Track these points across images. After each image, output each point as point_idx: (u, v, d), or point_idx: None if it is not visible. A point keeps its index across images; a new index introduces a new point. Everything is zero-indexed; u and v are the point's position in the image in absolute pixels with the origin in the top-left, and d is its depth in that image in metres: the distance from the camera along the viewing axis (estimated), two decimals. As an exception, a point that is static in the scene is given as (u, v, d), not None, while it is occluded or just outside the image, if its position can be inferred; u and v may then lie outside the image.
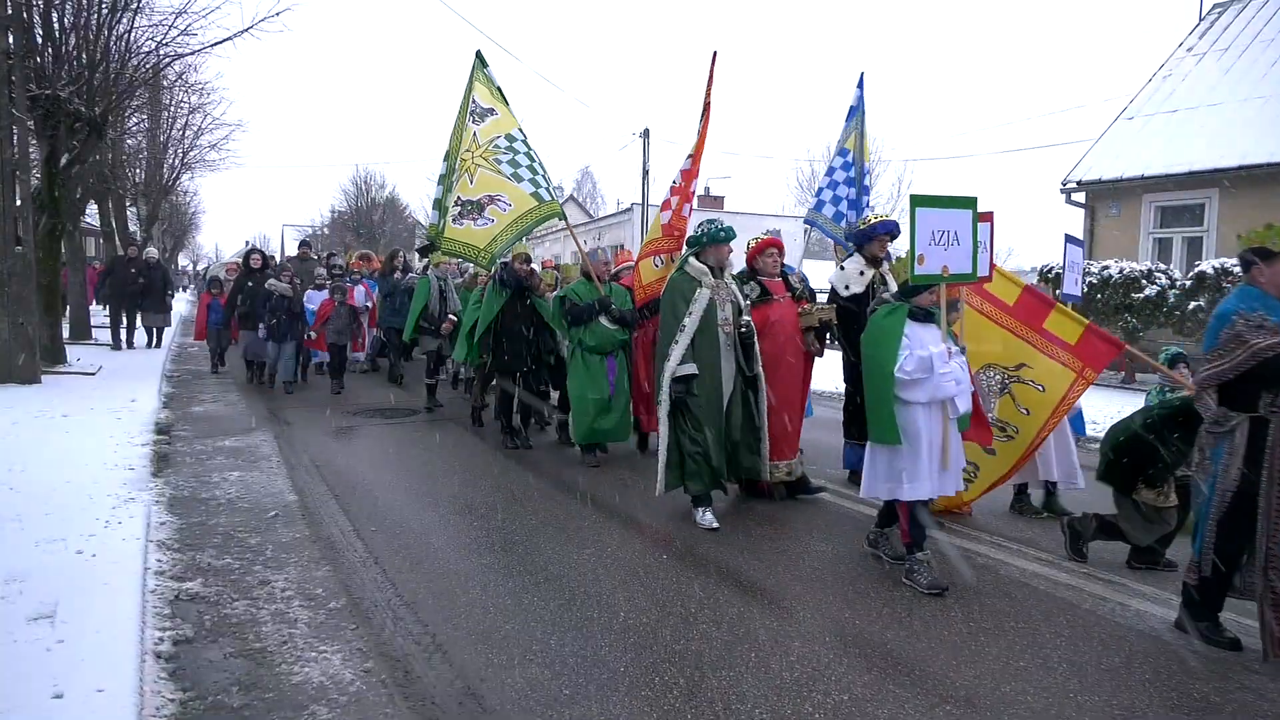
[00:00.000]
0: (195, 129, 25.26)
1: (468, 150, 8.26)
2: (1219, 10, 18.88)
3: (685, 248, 6.45)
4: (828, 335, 7.05)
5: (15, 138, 11.28)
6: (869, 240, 7.06)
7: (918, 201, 5.15)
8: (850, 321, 6.74)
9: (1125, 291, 14.76)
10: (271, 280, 12.43)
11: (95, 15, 12.79)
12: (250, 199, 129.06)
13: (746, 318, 6.37)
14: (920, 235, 5.06)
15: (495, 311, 8.65)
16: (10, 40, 11.12)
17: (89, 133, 13.04)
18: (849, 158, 8.87)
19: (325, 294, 13.01)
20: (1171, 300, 14.18)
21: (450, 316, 11.32)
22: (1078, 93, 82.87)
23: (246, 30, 13.46)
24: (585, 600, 4.78)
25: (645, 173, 29.77)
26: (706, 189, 42.48)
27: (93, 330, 18.14)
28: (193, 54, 14.70)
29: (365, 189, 50.90)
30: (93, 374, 12.67)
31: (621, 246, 9.20)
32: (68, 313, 17.28)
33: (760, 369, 6.44)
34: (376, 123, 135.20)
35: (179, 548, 5.51)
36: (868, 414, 5.16)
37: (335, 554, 5.50)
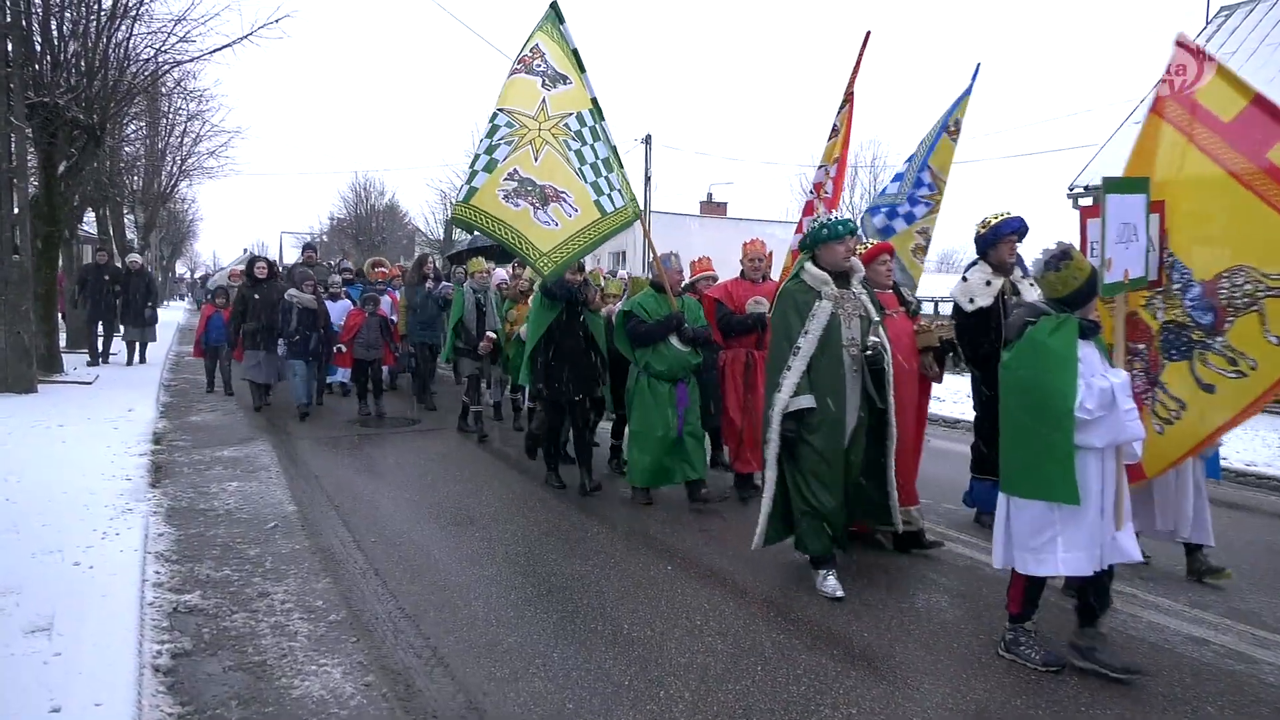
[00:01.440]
0: (193, 136, 25.26)
1: (533, 116, 6.65)
2: (1226, 13, 18.85)
3: (802, 253, 5.35)
4: (948, 357, 6.09)
5: (13, 145, 11.25)
6: (994, 244, 6.05)
7: (1112, 186, 4.03)
8: (977, 341, 5.96)
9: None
10: (292, 291, 10.93)
11: (94, 22, 12.76)
12: (249, 206, 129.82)
13: (875, 339, 5.09)
14: (1111, 230, 4.00)
15: (544, 329, 7.28)
16: (9, 48, 11.10)
17: (87, 140, 13.01)
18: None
19: (342, 304, 11.98)
20: None
21: (489, 334, 9.81)
22: (1084, 97, 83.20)
23: (246, 37, 13.45)
24: (589, 612, 4.73)
25: (647, 179, 29.72)
26: (709, 195, 42.23)
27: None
28: (191, 61, 14.66)
29: (365, 196, 50.84)
30: (89, 383, 12.62)
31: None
32: (64, 321, 17.18)
33: (892, 400, 5.24)
34: (376, 129, 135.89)
35: (177, 559, 5.46)
36: (1015, 460, 3.97)
37: (335, 565, 5.44)
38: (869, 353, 5.00)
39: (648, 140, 29.70)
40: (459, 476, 7.98)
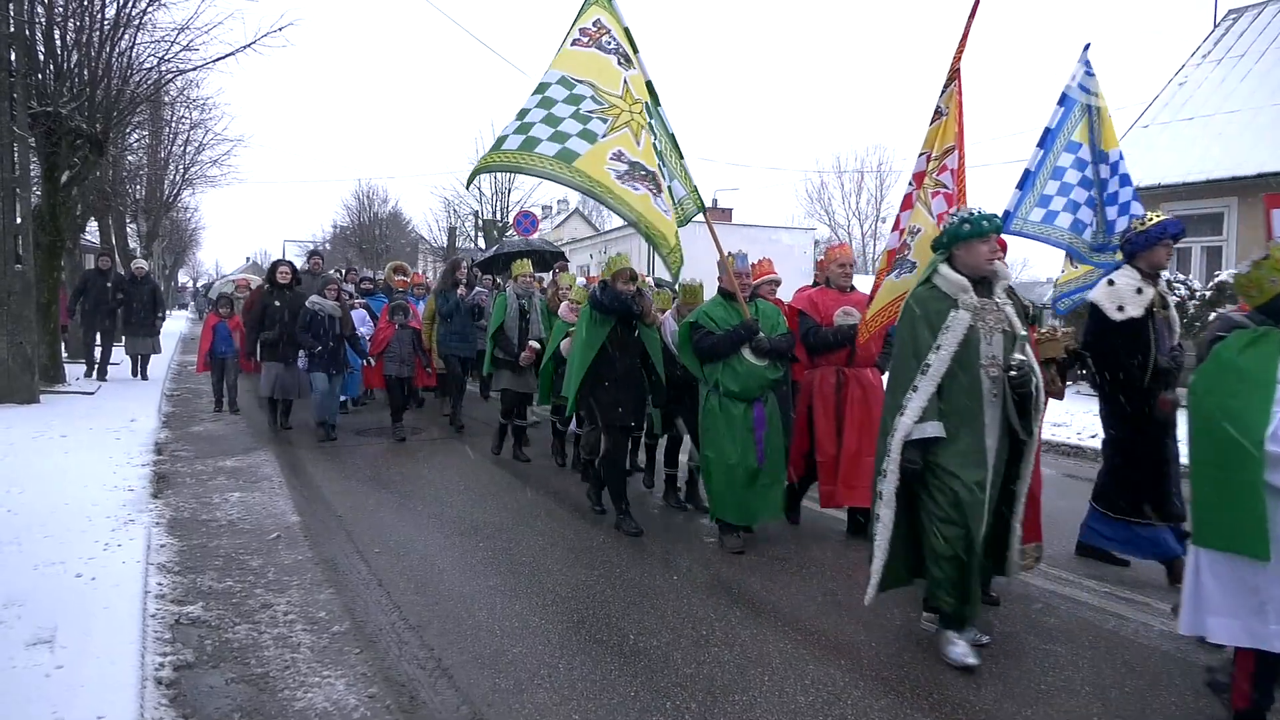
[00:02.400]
0: (196, 145, 25.36)
1: (621, 97, 5.98)
2: (1234, 16, 18.85)
3: (932, 252, 4.64)
4: (1069, 370, 5.41)
5: (16, 155, 11.26)
6: (1150, 246, 5.39)
7: None
8: (1125, 356, 5.27)
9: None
10: (315, 298, 9.96)
11: (97, 32, 12.79)
12: (251, 215, 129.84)
13: (1021, 356, 4.28)
14: None
15: (598, 346, 6.43)
16: (12, 57, 11.12)
17: (90, 150, 13.03)
18: (1080, 152, 6.76)
19: (357, 314, 10.99)
20: (1191, 311, 14.12)
21: (531, 344, 8.78)
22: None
23: (249, 46, 13.49)
24: (594, 623, 4.69)
25: (651, 185, 29.75)
26: (714, 200, 41.97)
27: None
28: (194, 70, 14.71)
29: (368, 204, 50.95)
30: (92, 393, 12.59)
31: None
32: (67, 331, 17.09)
33: (1039, 430, 4.48)
34: (379, 137, 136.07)
35: (179, 570, 5.43)
36: (1201, 504, 3.36)
37: (338, 576, 5.41)
38: (1013, 373, 4.21)
39: (652, 146, 29.73)
40: (463, 486, 7.95)
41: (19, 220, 11.32)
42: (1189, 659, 4.29)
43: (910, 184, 5.91)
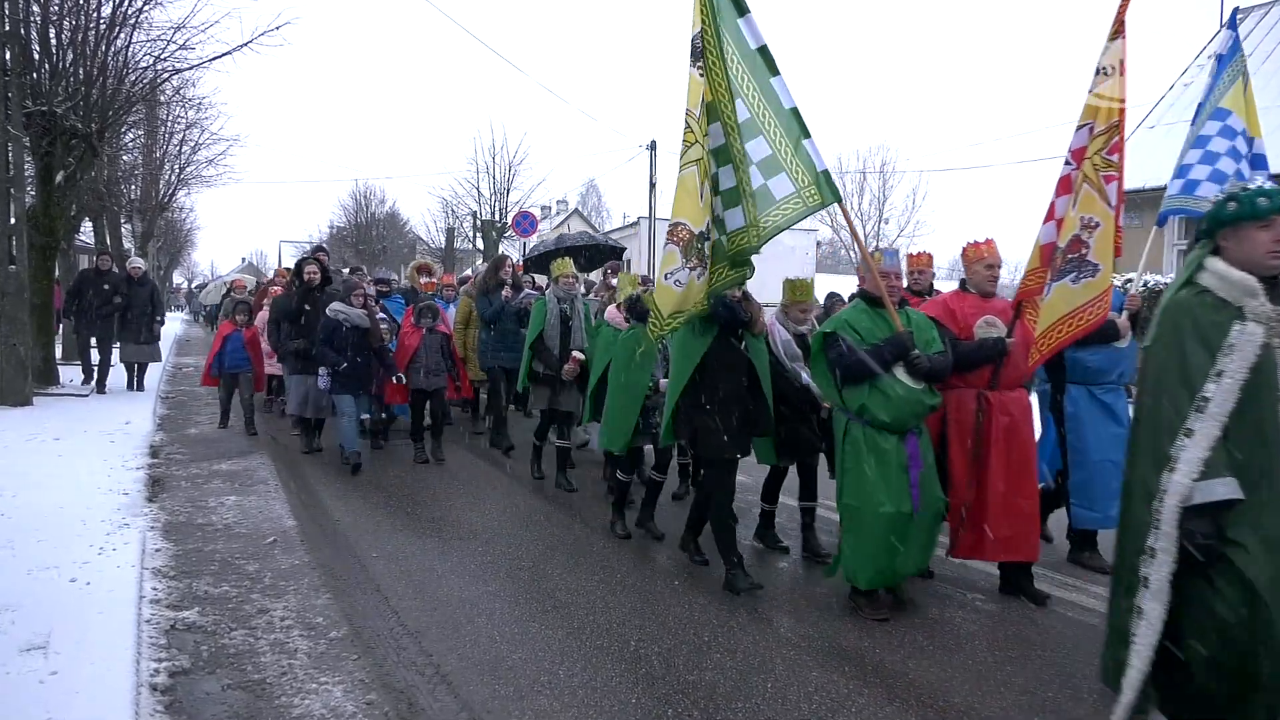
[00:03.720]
0: (192, 144, 25.18)
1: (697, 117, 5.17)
2: (1241, 16, 18.83)
3: (1196, 244, 3.29)
4: None
5: (10, 154, 11.20)
6: None
7: None
8: None
9: (1151, 305, 14.65)
10: (337, 304, 8.63)
11: (93, 31, 12.73)
12: (247, 215, 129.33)
13: None
14: None
15: (696, 360, 5.31)
16: (7, 56, 11.07)
17: (85, 149, 12.96)
18: (1229, 120, 6.15)
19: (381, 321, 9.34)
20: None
21: (575, 355, 7.74)
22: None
23: (245, 45, 13.39)
24: (594, 629, 4.66)
25: (652, 186, 29.78)
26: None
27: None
28: (191, 69, 14.60)
29: (365, 204, 50.85)
30: (86, 395, 12.53)
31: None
32: (61, 332, 16.94)
33: None
34: (376, 137, 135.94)
35: (175, 575, 5.38)
36: None
37: (336, 581, 5.37)
38: None
39: (652, 147, 29.79)
40: (462, 490, 7.90)
41: (13, 220, 11.26)
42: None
43: (1068, 162, 5.02)
